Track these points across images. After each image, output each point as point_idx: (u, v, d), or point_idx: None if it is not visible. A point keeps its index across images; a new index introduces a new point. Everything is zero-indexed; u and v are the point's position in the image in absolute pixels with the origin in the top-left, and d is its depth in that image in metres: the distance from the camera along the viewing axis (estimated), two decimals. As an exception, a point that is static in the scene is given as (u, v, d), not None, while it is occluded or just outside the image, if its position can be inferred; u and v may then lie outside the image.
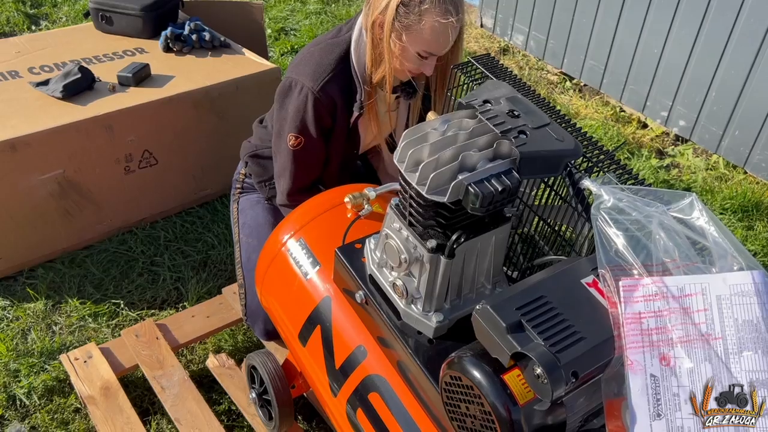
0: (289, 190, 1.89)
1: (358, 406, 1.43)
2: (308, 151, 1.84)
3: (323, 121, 1.82)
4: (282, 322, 1.67)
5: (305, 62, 1.80)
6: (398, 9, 1.61)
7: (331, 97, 1.78)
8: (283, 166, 1.88)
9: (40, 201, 2.36)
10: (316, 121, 1.80)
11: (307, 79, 1.76)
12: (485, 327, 1.01)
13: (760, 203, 2.97)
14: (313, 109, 1.77)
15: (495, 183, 1.08)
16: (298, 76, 1.78)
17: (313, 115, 1.78)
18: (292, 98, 1.80)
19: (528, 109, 1.18)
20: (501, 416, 1.00)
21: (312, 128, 1.81)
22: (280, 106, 1.84)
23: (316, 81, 1.76)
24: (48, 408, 2.01)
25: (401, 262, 1.25)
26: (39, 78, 2.53)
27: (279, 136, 1.86)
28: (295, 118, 1.80)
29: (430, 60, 1.70)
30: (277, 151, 1.89)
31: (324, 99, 1.77)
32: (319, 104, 1.77)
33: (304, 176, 1.88)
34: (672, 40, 3.28)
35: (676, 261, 1.00)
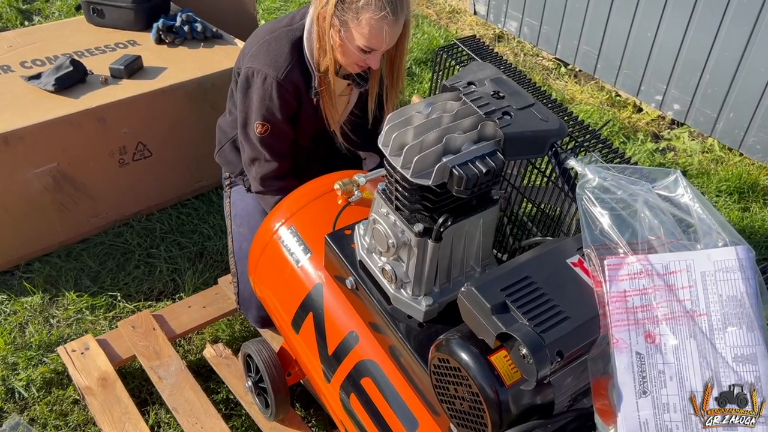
0: (263, 175, 1.91)
1: (351, 392, 1.44)
2: (275, 136, 1.87)
3: (289, 106, 1.85)
4: (275, 310, 1.68)
5: (263, 52, 1.82)
6: (337, 5, 1.63)
7: (295, 83, 1.81)
8: (253, 154, 1.91)
9: (35, 195, 2.36)
10: (281, 108, 1.83)
11: (269, 69, 1.79)
12: (471, 309, 1.01)
13: (756, 185, 2.97)
14: (278, 96, 1.81)
15: (479, 165, 1.08)
16: (259, 66, 1.81)
17: (278, 102, 1.81)
18: (255, 88, 1.82)
19: (513, 90, 1.17)
20: (488, 397, 1.01)
21: (278, 114, 1.84)
22: (244, 97, 1.86)
23: (279, 70, 1.79)
24: (46, 400, 2.03)
25: (389, 247, 1.25)
26: (31, 72, 2.52)
27: (245, 125, 1.89)
28: (261, 106, 1.82)
29: (373, 54, 1.72)
30: (245, 141, 1.91)
31: (288, 86, 1.81)
32: (284, 91, 1.81)
33: (274, 160, 1.90)
34: (665, 23, 3.26)
35: (661, 239, 1.00)
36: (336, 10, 1.64)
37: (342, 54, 1.74)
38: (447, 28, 4.23)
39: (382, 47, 1.69)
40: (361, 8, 1.61)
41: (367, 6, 1.60)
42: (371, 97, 1.97)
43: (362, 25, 1.63)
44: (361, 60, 1.74)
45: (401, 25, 1.68)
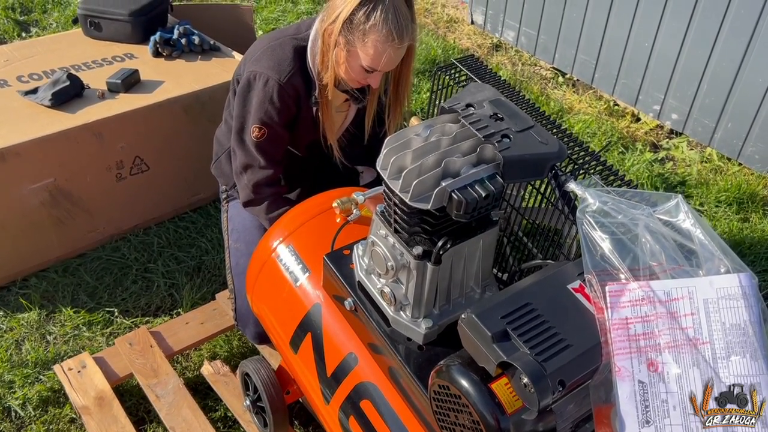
0: (255, 182, 1.91)
1: (350, 414, 1.42)
2: (271, 141, 1.88)
3: (289, 110, 1.86)
4: (273, 329, 1.66)
5: (267, 56, 1.84)
6: (345, 24, 1.65)
7: (296, 88, 1.83)
8: (247, 161, 1.90)
9: (31, 210, 2.35)
10: (281, 111, 1.83)
11: (272, 72, 1.81)
12: (471, 336, 1.00)
13: (755, 195, 2.96)
14: (279, 99, 1.81)
15: (479, 189, 1.07)
16: (262, 69, 1.82)
17: (279, 105, 1.82)
18: (255, 91, 1.83)
19: (511, 112, 1.17)
20: (490, 426, 0.99)
21: (277, 118, 1.84)
22: (242, 102, 1.86)
23: (281, 74, 1.81)
24: (43, 419, 2.01)
25: (388, 269, 1.24)
26: (27, 86, 2.52)
27: (240, 131, 1.89)
28: (260, 110, 1.83)
29: (375, 74, 1.75)
30: (238, 147, 1.91)
31: (289, 90, 1.82)
32: (285, 94, 1.82)
33: (268, 167, 1.90)
34: (663, 33, 3.26)
35: (663, 264, 0.99)
36: (343, 28, 1.66)
37: (345, 71, 1.76)
38: (445, 38, 4.23)
39: (385, 68, 1.72)
40: (368, 30, 1.63)
41: (374, 28, 1.62)
42: (369, 114, 1.98)
43: (368, 46, 1.66)
44: (363, 78, 1.76)
45: (405, 49, 1.71)
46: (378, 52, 1.64)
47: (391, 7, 1.62)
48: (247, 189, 1.93)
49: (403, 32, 1.65)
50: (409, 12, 1.67)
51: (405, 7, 1.66)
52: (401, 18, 1.63)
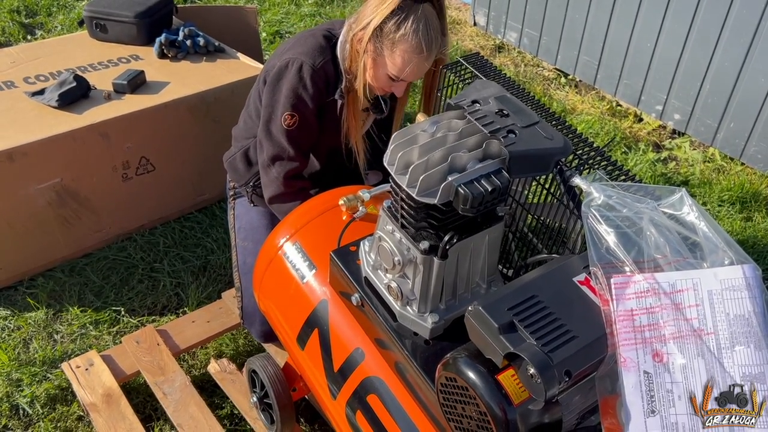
0: (286, 173, 1.89)
1: (357, 408, 1.44)
2: (302, 129, 1.86)
3: (321, 95, 1.85)
4: (280, 326, 1.68)
5: (300, 44, 1.85)
6: (375, 31, 1.67)
7: (328, 75, 1.84)
8: (275, 152, 1.88)
9: (38, 210, 2.37)
10: (314, 96, 1.83)
11: (306, 57, 1.82)
12: (478, 328, 1.01)
13: (758, 194, 2.97)
14: (312, 83, 1.82)
15: (485, 183, 1.08)
16: (295, 55, 1.83)
17: (312, 89, 1.82)
18: (288, 77, 1.83)
19: (517, 108, 1.18)
20: (496, 416, 1.01)
21: (310, 103, 1.84)
22: (273, 90, 1.86)
23: (315, 59, 1.82)
24: (51, 417, 2.02)
25: (395, 264, 1.25)
26: (34, 88, 2.54)
27: (269, 121, 1.88)
28: (291, 95, 1.83)
29: (399, 84, 1.78)
30: (267, 139, 1.89)
31: (321, 75, 1.83)
32: (318, 79, 1.82)
33: (299, 157, 1.89)
34: (665, 33, 3.28)
35: (668, 257, 1.00)
36: (373, 36, 1.68)
37: (372, 77, 1.79)
38: (447, 39, 4.25)
39: (412, 79, 1.75)
40: (398, 40, 1.65)
41: (404, 38, 1.64)
42: (395, 125, 2.03)
43: (395, 56, 1.68)
44: (388, 86, 1.79)
45: (432, 61, 1.73)
46: (405, 61, 1.67)
47: (423, 18, 1.64)
48: (276, 182, 1.91)
49: (432, 44, 1.67)
50: (440, 25, 1.69)
51: (437, 19, 1.67)
52: (432, 30, 1.65)
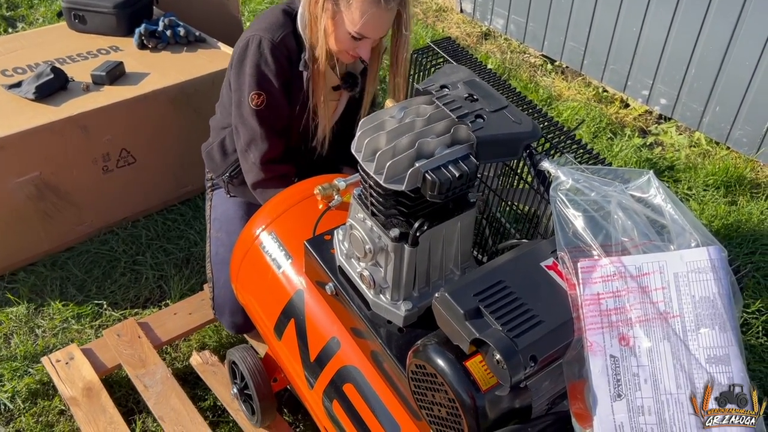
0: (261, 157, 1.85)
1: (333, 398, 1.43)
2: (272, 109, 1.83)
3: (284, 71, 1.81)
4: (258, 316, 1.67)
5: (258, 21, 1.84)
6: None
7: (288, 48, 1.80)
8: (249, 135, 1.85)
9: (17, 204, 2.34)
10: (276, 72, 1.80)
11: (265, 33, 1.79)
12: (445, 315, 1.00)
13: (743, 178, 2.97)
14: (272, 57, 1.78)
15: (452, 169, 1.07)
16: (254, 32, 1.81)
17: (273, 64, 1.79)
18: (249, 55, 1.80)
19: (486, 93, 1.17)
20: (465, 403, 1.00)
21: (273, 79, 1.80)
22: (238, 72, 1.83)
23: (274, 33, 1.79)
24: (32, 411, 2.01)
25: (366, 253, 1.24)
26: (12, 80, 2.51)
27: (239, 105, 1.84)
28: (255, 73, 1.79)
29: (364, 42, 1.72)
30: (240, 124, 1.85)
31: (282, 50, 1.79)
32: (278, 52, 1.79)
33: (272, 138, 1.85)
34: (650, 18, 3.26)
35: (635, 240, 0.99)
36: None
37: (334, 41, 1.74)
38: (434, 27, 4.22)
39: (373, 35, 1.69)
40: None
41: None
42: (366, 99, 1.97)
43: (353, 10, 1.63)
44: (352, 48, 1.73)
45: (394, 13, 1.68)
46: (362, 13, 1.61)
47: None
48: (255, 168, 1.86)
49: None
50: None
51: None
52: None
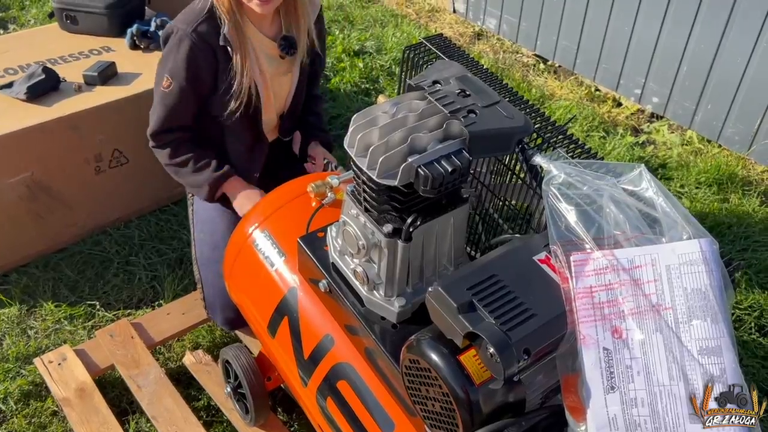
0: (153, 130, 1.93)
1: (327, 395, 1.43)
2: (175, 95, 1.86)
3: (197, 65, 1.83)
4: (251, 315, 1.66)
5: (184, 11, 1.86)
6: None
7: (206, 39, 1.80)
8: (153, 108, 1.92)
9: (9, 205, 2.33)
10: (187, 65, 1.81)
11: (182, 24, 1.81)
12: (438, 309, 1.00)
13: (734, 175, 2.99)
14: (186, 50, 1.80)
15: (445, 164, 1.08)
16: (175, 23, 1.83)
17: (185, 57, 1.80)
18: (168, 44, 1.84)
19: (478, 88, 1.17)
20: (459, 397, 1.00)
21: (183, 72, 1.82)
22: (162, 57, 1.88)
23: (189, 24, 1.80)
24: (25, 412, 2.00)
25: (360, 249, 1.24)
26: (3, 81, 2.49)
27: (157, 82, 1.90)
28: (167, 60, 1.84)
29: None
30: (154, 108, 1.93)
31: (197, 41, 1.79)
32: (193, 46, 1.79)
33: (169, 119, 1.90)
34: (641, 17, 3.27)
35: (627, 233, 1.00)
36: None
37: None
38: (426, 27, 4.22)
39: None
40: None
41: None
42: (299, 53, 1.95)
43: None
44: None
45: None
46: None
47: None
48: (148, 136, 1.95)
49: None
50: None
51: None
52: None
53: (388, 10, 4.37)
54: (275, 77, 1.96)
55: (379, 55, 3.83)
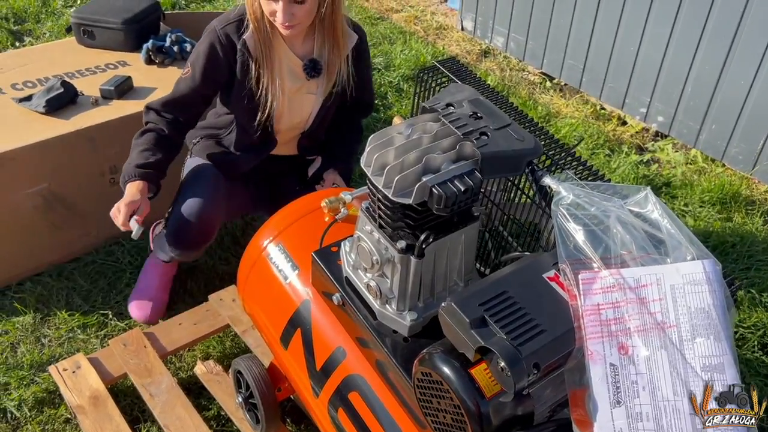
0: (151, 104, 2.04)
1: (339, 406, 1.46)
2: (188, 83, 1.97)
3: (216, 59, 1.92)
4: (264, 326, 1.70)
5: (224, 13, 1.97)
6: None
7: (230, 38, 1.89)
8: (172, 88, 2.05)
9: (25, 215, 2.38)
10: (206, 59, 1.91)
11: (215, 22, 1.92)
12: (451, 323, 1.04)
13: (738, 195, 3.02)
14: (209, 45, 1.90)
15: (458, 183, 1.12)
16: (212, 22, 1.94)
17: (206, 51, 1.90)
18: (200, 39, 1.95)
19: (490, 111, 1.21)
20: (470, 410, 1.04)
21: (200, 64, 1.93)
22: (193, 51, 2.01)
23: (221, 22, 1.90)
24: (38, 419, 2.04)
25: (374, 264, 1.28)
26: (22, 94, 2.55)
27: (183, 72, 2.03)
28: (194, 51, 1.96)
29: (276, 4, 1.77)
30: None
31: (224, 39, 1.89)
32: (218, 42, 1.89)
33: (173, 102, 2.01)
34: (647, 37, 3.33)
35: (633, 253, 1.04)
36: None
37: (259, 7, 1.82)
38: (434, 44, 4.29)
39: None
40: None
41: None
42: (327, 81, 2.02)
43: None
44: (272, 11, 1.80)
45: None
46: None
47: None
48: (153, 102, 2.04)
49: None
50: None
51: None
52: None
53: (396, 27, 4.43)
54: (296, 94, 2.03)
55: (388, 72, 3.89)
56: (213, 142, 2.20)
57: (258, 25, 1.86)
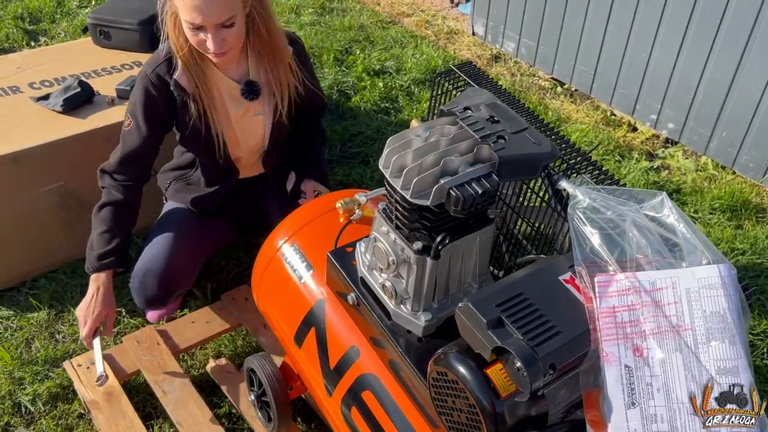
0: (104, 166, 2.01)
1: (352, 405, 1.48)
2: (132, 134, 1.94)
3: (155, 106, 1.89)
4: (278, 325, 1.72)
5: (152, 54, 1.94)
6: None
7: (163, 80, 1.86)
8: (115, 149, 2.00)
9: (41, 212, 2.41)
10: (144, 105, 1.88)
11: (147, 66, 1.89)
12: (467, 323, 1.06)
13: (748, 202, 3.02)
14: (143, 91, 1.87)
15: (475, 186, 1.14)
16: (142, 66, 1.92)
17: (142, 97, 1.87)
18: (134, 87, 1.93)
19: (507, 115, 1.23)
20: (485, 409, 1.05)
21: (140, 112, 1.89)
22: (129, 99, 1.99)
23: (150, 65, 1.87)
24: (52, 414, 2.06)
25: (389, 264, 1.30)
26: (39, 93, 2.59)
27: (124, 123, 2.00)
28: (130, 100, 1.93)
29: (204, 33, 1.72)
30: None
31: (156, 82, 1.86)
32: (151, 86, 1.86)
33: (125, 159, 1.97)
34: (659, 44, 3.34)
35: (649, 257, 1.05)
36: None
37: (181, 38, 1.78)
38: (445, 49, 4.31)
39: (206, 21, 1.68)
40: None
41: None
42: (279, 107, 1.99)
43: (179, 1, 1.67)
44: (201, 41, 1.74)
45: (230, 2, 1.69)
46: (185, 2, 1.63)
47: None
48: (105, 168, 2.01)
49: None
50: None
51: None
52: None
53: (407, 31, 4.46)
54: (244, 118, 2.02)
55: (399, 75, 3.91)
56: (183, 183, 2.20)
57: (186, 61, 1.82)
